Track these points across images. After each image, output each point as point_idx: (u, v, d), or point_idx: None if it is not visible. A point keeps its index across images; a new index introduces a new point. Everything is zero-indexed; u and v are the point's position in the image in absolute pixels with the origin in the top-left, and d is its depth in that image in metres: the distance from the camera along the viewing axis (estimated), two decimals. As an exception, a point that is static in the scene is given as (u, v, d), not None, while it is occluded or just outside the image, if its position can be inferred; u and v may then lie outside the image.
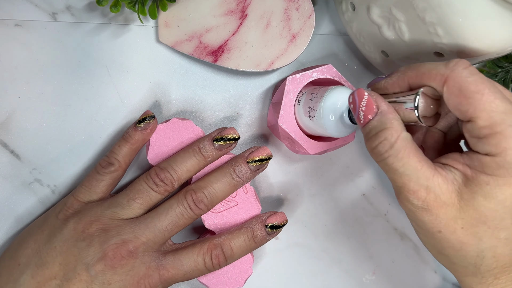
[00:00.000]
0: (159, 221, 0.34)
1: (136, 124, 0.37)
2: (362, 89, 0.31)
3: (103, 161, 0.36)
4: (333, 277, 0.44)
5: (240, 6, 0.39)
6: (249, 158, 0.36)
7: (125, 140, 0.37)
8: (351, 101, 0.31)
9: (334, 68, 0.38)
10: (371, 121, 0.30)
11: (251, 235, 0.36)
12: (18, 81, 0.38)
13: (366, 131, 0.30)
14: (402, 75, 0.31)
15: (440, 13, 0.30)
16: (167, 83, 0.41)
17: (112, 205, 0.35)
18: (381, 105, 0.30)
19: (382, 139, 0.29)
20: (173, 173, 0.35)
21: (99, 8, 0.39)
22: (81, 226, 0.34)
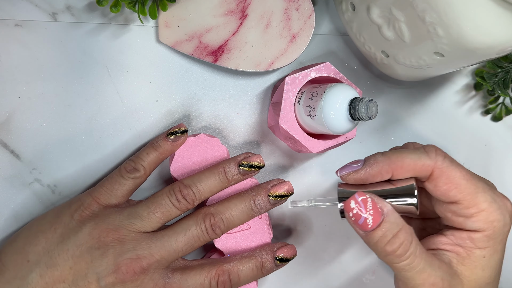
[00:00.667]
0: (176, 242, 0.34)
1: (168, 134, 0.37)
2: (362, 193, 0.30)
3: (128, 165, 0.36)
4: (333, 277, 0.44)
5: (240, 6, 0.39)
6: (271, 192, 0.37)
7: (154, 149, 0.37)
8: (353, 207, 0.30)
9: (332, 66, 0.38)
10: (383, 224, 0.30)
11: (260, 266, 0.36)
12: (18, 81, 0.38)
13: (379, 235, 0.30)
14: (386, 166, 0.31)
15: (440, 13, 0.30)
16: (167, 83, 0.41)
17: (132, 216, 0.34)
18: (385, 206, 0.30)
19: (403, 240, 0.30)
20: (196, 191, 0.35)
21: (99, 8, 0.39)
22: (97, 233, 0.34)
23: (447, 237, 0.32)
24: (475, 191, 0.30)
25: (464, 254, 0.31)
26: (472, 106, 0.47)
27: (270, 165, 0.43)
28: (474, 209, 0.30)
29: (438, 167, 0.31)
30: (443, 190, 0.31)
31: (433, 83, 0.46)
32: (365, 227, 0.30)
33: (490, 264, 0.31)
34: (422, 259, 0.30)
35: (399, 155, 0.31)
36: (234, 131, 0.42)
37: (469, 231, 0.31)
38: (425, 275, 0.30)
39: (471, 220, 0.31)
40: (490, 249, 0.31)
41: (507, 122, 0.47)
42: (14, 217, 0.38)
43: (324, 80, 0.39)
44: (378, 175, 0.31)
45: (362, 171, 0.31)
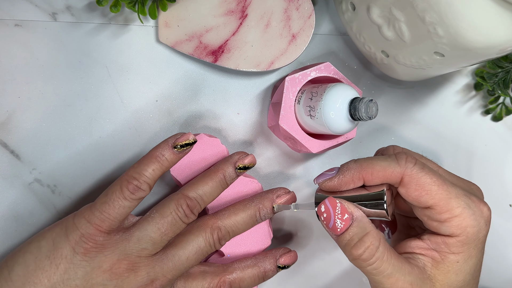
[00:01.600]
0: (187, 260, 0.34)
1: (175, 146, 0.34)
2: (333, 198, 0.32)
3: (130, 184, 0.33)
4: (333, 277, 0.44)
5: (240, 6, 0.39)
6: (275, 203, 0.37)
7: (159, 162, 0.34)
8: (323, 210, 0.32)
9: (332, 66, 0.38)
10: (350, 228, 0.31)
11: (262, 275, 0.37)
12: (18, 81, 0.38)
13: (347, 238, 0.31)
14: (357, 173, 0.32)
15: (440, 13, 0.30)
16: (167, 83, 0.41)
17: (142, 241, 0.33)
18: (355, 211, 0.32)
19: (368, 244, 0.31)
20: (202, 202, 0.35)
21: (99, 8, 0.39)
22: (107, 265, 0.32)
23: (423, 241, 0.32)
24: (447, 196, 0.31)
25: (438, 258, 0.32)
26: (472, 106, 0.47)
27: (270, 166, 0.43)
28: (447, 214, 0.31)
29: (407, 174, 0.31)
30: (414, 196, 0.31)
31: (433, 83, 0.46)
32: (335, 231, 0.32)
33: (463, 269, 0.31)
34: (390, 264, 0.31)
35: (370, 162, 0.32)
36: (234, 131, 0.42)
37: (444, 236, 0.32)
38: (393, 279, 0.31)
39: (445, 225, 0.31)
40: (464, 254, 0.31)
41: (507, 122, 0.47)
42: (14, 217, 0.38)
43: (324, 80, 0.39)
44: (351, 182, 0.32)
45: (336, 178, 0.32)
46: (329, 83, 0.36)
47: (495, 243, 0.47)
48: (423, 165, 0.31)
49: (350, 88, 0.35)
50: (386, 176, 0.31)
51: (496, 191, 0.48)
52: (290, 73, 0.39)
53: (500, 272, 0.48)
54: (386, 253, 0.31)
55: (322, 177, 0.33)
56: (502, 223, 0.48)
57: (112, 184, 0.34)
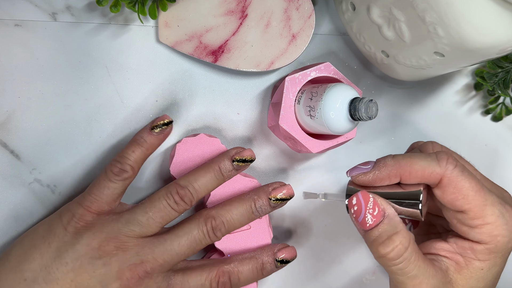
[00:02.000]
0: (178, 245, 0.34)
1: (152, 128, 0.36)
2: (366, 192, 0.31)
3: (114, 167, 0.35)
4: (333, 277, 0.44)
5: (240, 6, 0.39)
6: (272, 195, 0.37)
7: (139, 145, 0.35)
8: (355, 203, 0.31)
9: (332, 66, 0.38)
10: (381, 224, 0.30)
11: (260, 267, 0.36)
12: (18, 81, 0.38)
13: (375, 235, 0.31)
14: (395, 171, 0.31)
15: (440, 13, 0.30)
16: (167, 83, 0.41)
17: (130, 223, 0.34)
18: (387, 208, 0.31)
19: (397, 243, 0.30)
20: (193, 191, 0.35)
21: (99, 8, 0.39)
22: (96, 243, 0.33)
23: (449, 244, 0.32)
24: (483, 203, 0.30)
25: (463, 263, 0.31)
26: (472, 106, 0.47)
27: (270, 165, 0.43)
28: (479, 220, 0.30)
29: (447, 176, 0.30)
30: (450, 199, 0.31)
31: (433, 83, 0.46)
32: (364, 226, 0.31)
33: (486, 276, 0.31)
34: (416, 265, 0.30)
35: (409, 160, 0.31)
36: (234, 131, 0.42)
37: (472, 242, 0.31)
38: (417, 281, 0.30)
39: (475, 231, 0.31)
40: (490, 262, 0.31)
41: (507, 122, 0.47)
42: (14, 217, 0.38)
43: (324, 80, 0.39)
44: (386, 179, 0.32)
45: (371, 173, 0.32)
46: (329, 83, 0.36)
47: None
48: (463, 168, 0.31)
49: (350, 88, 0.35)
50: (425, 176, 0.31)
51: (496, 191, 0.48)
52: (290, 73, 0.39)
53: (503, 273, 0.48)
54: (414, 254, 0.30)
55: (356, 171, 0.33)
56: (502, 223, 0.48)
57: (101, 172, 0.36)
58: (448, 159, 0.31)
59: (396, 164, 0.31)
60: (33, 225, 0.38)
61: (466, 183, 0.30)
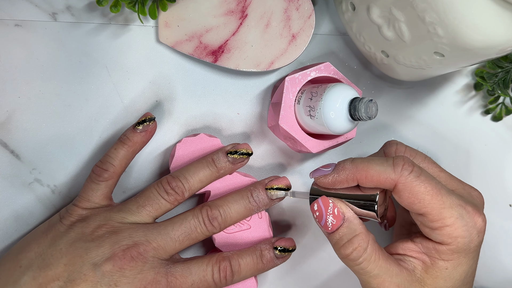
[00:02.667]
0: (172, 230, 0.34)
1: (135, 126, 0.36)
2: (326, 197, 0.33)
3: (96, 168, 0.36)
4: (333, 277, 0.44)
5: (240, 6, 0.39)
6: (268, 185, 0.37)
7: (122, 143, 0.36)
8: (316, 209, 0.33)
9: (332, 66, 0.38)
10: (340, 228, 0.32)
11: (259, 254, 0.36)
12: (18, 81, 0.38)
13: (336, 238, 0.32)
14: (352, 174, 0.32)
15: (440, 13, 0.30)
16: (167, 83, 0.41)
17: (121, 211, 0.35)
18: (346, 212, 0.32)
19: (356, 246, 0.31)
20: (185, 182, 0.35)
21: (99, 8, 0.39)
22: (89, 230, 0.34)
23: (415, 244, 0.33)
24: (440, 206, 0.31)
25: (429, 263, 0.32)
26: (472, 106, 0.47)
27: (270, 165, 0.43)
28: (438, 223, 0.31)
29: (401, 182, 0.31)
30: (407, 203, 0.31)
31: (433, 83, 0.46)
32: (326, 229, 0.32)
33: (452, 275, 0.32)
34: (377, 265, 0.31)
35: (366, 164, 0.32)
36: (234, 131, 0.42)
37: (435, 242, 0.32)
38: (380, 280, 0.31)
39: (436, 233, 0.31)
40: (454, 262, 0.32)
41: (507, 122, 0.47)
42: (14, 217, 0.38)
43: (324, 80, 0.39)
44: (345, 182, 0.32)
45: (330, 176, 0.33)
46: (329, 83, 0.36)
47: (495, 243, 0.47)
48: (419, 172, 0.31)
49: (350, 88, 0.35)
50: (380, 181, 0.31)
51: (496, 191, 0.48)
52: (290, 73, 0.39)
53: (500, 272, 0.48)
54: (374, 254, 0.31)
55: (317, 173, 0.34)
56: (502, 223, 0.48)
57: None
58: (404, 165, 0.31)
59: (354, 168, 0.32)
60: (33, 225, 0.39)
61: (421, 188, 0.31)
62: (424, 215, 0.31)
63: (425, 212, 0.31)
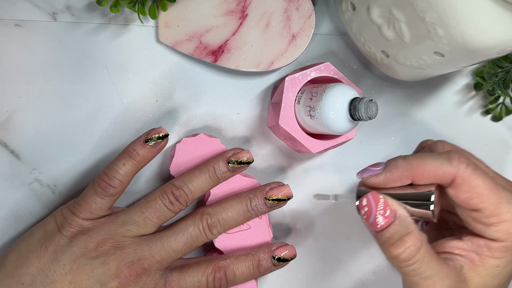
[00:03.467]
0: (175, 242, 0.34)
1: (146, 141, 0.35)
2: (376, 193, 0.31)
3: (101, 182, 0.34)
4: (333, 277, 0.44)
5: (240, 6, 0.39)
6: (268, 195, 0.37)
7: (131, 157, 0.34)
8: (365, 204, 0.31)
9: (332, 66, 0.38)
10: (392, 226, 0.30)
11: (257, 264, 0.36)
12: (18, 81, 0.38)
13: (386, 236, 0.30)
14: (407, 172, 0.31)
15: (440, 13, 0.30)
16: (167, 83, 0.41)
17: (126, 223, 0.34)
18: (398, 209, 0.31)
19: (409, 245, 0.30)
20: (188, 192, 0.35)
21: (99, 8, 0.39)
22: (93, 245, 0.33)
23: (464, 242, 0.32)
24: (497, 201, 0.30)
25: (478, 261, 0.31)
26: (472, 106, 0.47)
27: (270, 165, 0.43)
28: (495, 218, 0.30)
29: (460, 175, 0.30)
30: (464, 198, 0.30)
31: (433, 83, 0.46)
32: (375, 227, 0.31)
33: (501, 273, 0.31)
34: (429, 266, 0.30)
35: (420, 161, 0.31)
36: (234, 131, 0.42)
37: (488, 239, 0.31)
38: (431, 282, 0.30)
39: (491, 229, 0.30)
40: (505, 260, 0.31)
41: (507, 122, 0.47)
42: (14, 217, 0.38)
43: (324, 80, 0.39)
44: (398, 180, 0.31)
45: (382, 175, 0.31)
46: (329, 83, 0.36)
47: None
48: (476, 166, 0.30)
49: (350, 88, 0.35)
50: (438, 176, 0.30)
51: (496, 191, 0.47)
52: (290, 73, 0.39)
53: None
54: (427, 255, 0.30)
55: (366, 172, 0.32)
56: (502, 223, 0.48)
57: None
58: (460, 158, 0.30)
59: (408, 165, 0.31)
60: (33, 225, 0.38)
61: (479, 182, 0.30)
62: (480, 210, 0.30)
63: (482, 207, 0.30)
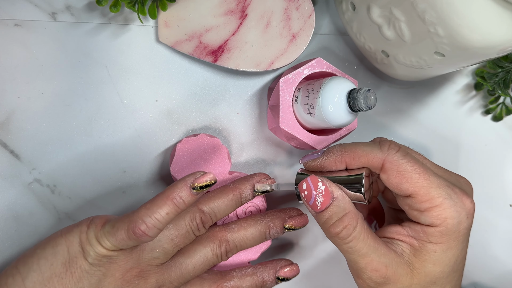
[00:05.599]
0: (193, 269, 0.35)
1: (194, 188, 0.32)
2: (315, 176, 0.32)
3: (137, 230, 0.31)
4: (333, 277, 0.44)
5: (240, 6, 0.39)
6: (287, 225, 0.38)
7: (176, 206, 0.32)
8: (305, 188, 0.32)
9: (324, 61, 0.38)
10: (330, 207, 0.32)
11: (260, 285, 0.37)
12: (18, 81, 0.38)
13: (326, 217, 0.32)
14: (340, 156, 0.32)
15: (440, 13, 0.30)
16: (167, 83, 0.41)
17: (155, 251, 0.33)
18: (335, 190, 0.32)
19: (346, 224, 0.31)
20: (214, 218, 0.36)
21: (99, 8, 0.39)
22: (119, 274, 0.33)
23: (403, 228, 0.33)
24: (428, 185, 0.31)
25: (417, 246, 0.32)
26: (472, 106, 0.47)
27: (270, 165, 0.43)
28: (427, 203, 0.31)
29: (389, 160, 0.31)
30: (394, 183, 0.31)
31: (433, 83, 0.46)
32: (315, 208, 0.32)
33: (441, 259, 0.32)
34: (366, 244, 0.31)
35: (353, 146, 0.32)
36: (234, 131, 0.42)
37: (423, 225, 0.32)
38: (368, 259, 0.31)
39: (425, 215, 0.31)
40: (443, 245, 0.31)
41: (507, 122, 0.47)
42: (14, 217, 0.38)
43: (318, 76, 0.39)
44: (333, 164, 0.33)
45: (319, 159, 0.33)
46: (324, 78, 0.36)
47: (496, 243, 0.47)
48: (406, 152, 0.32)
49: (345, 80, 0.35)
50: (368, 161, 0.32)
51: (496, 191, 0.48)
52: (283, 74, 0.39)
53: (501, 272, 0.48)
54: (363, 233, 0.31)
55: (307, 158, 0.34)
56: (503, 223, 0.48)
57: (122, 217, 0.32)
58: (390, 145, 0.32)
59: (342, 150, 0.33)
60: (33, 225, 0.38)
61: (408, 166, 0.31)
62: (412, 196, 0.31)
63: (413, 192, 0.31)
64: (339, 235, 0.31)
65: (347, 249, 0.32)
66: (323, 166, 0.33)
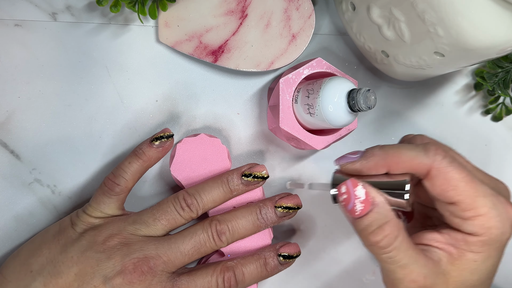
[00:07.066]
0: (183, 244, 0.35)
1: (152, 140, 0.36)
2: (355, 180, 0.31)
3: (108, 181, 0.35)
4: (333, 277, 0.44)
5: (240, 6, 0.39)
6: (278, 203, 0.37)
7: (137, 156, 0.36)
8: (344, 191, 0.31)
9: (324, 61, 0.38)
10: (370, 213, 0.30)
11: (263, 262, 0.36)
12: (18, 81, 0.38)
13: (365, 224, 0.30)
14: (382, 161, 0.31)
15: (440, 13, 0.30)
16: (167, 83, 0.41)
17: (137, 222, 0.35)
18: (377, 196, 0.30)
19: (388, 233, 0.30)
20: (200, 201, 0.36)
21: (99, 8, 0.39)
22: (101, 239, 0.34)
23: (442, 235, 0.31)
24: (474, 194, 0.30)
25: (455, 255, 0.31)
26: (472, 106, 0.47)
27: (271, 165, 0.43)
28: (471, 212, 0.30)
29: (435, 167, 0.30)
30: (440, 190, 0.30)
31: (433, 83, 0.46)
32: (353, 213, 0.30)
33: (480, 268, 0.31)
34: (406, 254, 0.30)
35: (397, 150, 0.31)
36: (234, 131, 0.42)
37: (465, 233, 0.31)
38: (407, 270, 0.30)
39: (468, 223, 0.30)
40: (483, 255, 0.30)
41: (507, 122, 0.47)
42: (14, 217, 0.38)
43: (318, 76, 0.39)
44: (374, 169, 0.31)
45: (358, 163, 0.31)
46: (324, 78, 0.36)
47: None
48: (453, 159, 0.30)
49: (345, 80, 0.35)
50: (413, 167, 0.30)
51: (496, 191, 0.47)
52: (283, 74, 0.39)
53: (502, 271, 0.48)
54: (405, 243, 0.30)
55: (344, 159, 0.32)
56: (502, 223, 0.48)
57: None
58: (437, 150, 0.30)
59: (384, 154, 0.31)
60: (33, 225, 0.39)
61: (455, 174, 0.30)
62: (456, 203, 0.30)
63: (458, 201, 0.30)
64: (379, 244, 0.30)
65: (386, 259, 0.30)
66: (363, 170, 0.31)
